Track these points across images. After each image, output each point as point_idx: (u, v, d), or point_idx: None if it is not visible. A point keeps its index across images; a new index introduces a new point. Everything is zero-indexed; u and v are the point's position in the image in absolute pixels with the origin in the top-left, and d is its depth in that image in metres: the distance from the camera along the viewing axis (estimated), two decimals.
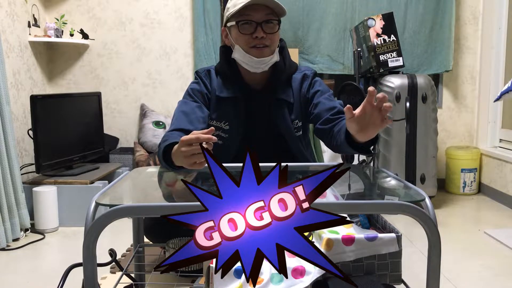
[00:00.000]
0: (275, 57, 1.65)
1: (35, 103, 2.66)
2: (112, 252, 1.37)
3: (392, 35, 3.04)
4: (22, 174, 2.71)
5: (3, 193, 2.42)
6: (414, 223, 0.99)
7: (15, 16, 3.01)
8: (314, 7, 3.49)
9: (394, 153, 3.00)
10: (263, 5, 1.56)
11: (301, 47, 3.51)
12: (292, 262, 1.11)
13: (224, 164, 0.78)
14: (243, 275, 0.87)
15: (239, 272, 1.09)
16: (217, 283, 1.08)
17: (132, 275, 1.47)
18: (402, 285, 1.21)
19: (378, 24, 3.05)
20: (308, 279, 1.10)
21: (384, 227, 1.30)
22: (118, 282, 1.26)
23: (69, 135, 2.95)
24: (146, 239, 1.85)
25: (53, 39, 3.31)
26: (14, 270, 2.14)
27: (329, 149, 1.59)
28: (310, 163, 1.73)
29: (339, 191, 1.21)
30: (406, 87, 2.96)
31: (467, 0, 3.59)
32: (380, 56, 3.03)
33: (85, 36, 3.47)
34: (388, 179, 1.35)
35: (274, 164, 0.77)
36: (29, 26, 3.20)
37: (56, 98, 2.98)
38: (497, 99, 2.60)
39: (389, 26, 3.05)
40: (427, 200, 1.03)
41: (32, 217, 2.68)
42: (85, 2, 3.54)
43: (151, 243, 1.94)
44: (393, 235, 1.17)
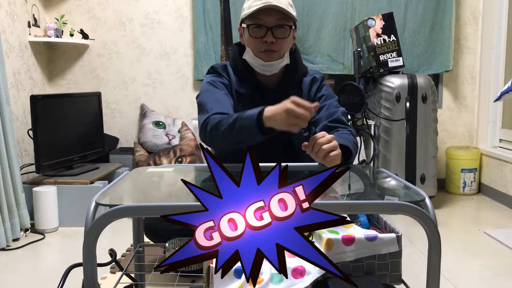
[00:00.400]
0: (285, 61, 1.67)
1: (35, 103, 2.66)
2: (112, 252, 1.37)
3: (392, 35, 3.04)
4: (22, 174, 2.71)
5: (3, 193, 2.42)
6: (414, 223, 0.99)
7: (15, 16, 3.01)
8: (314, 7, 3.49)
9: (394, 153, 3.00)
10: (276, 9, 1.56)
11: (301, 47, 3.50)
12: (292, 262, 1.11)
13: (224, 164, 0.78)
14: (243, 275, 0.87)
15: (239, 272, 1.09)
16: (217, 283, 1.08)
17: (132, 275, 1.47)
18: (402, 285, 1.21)
19: (378, 24, 3.05)
20: (308, 279, 1.10)
21: (384, 227, 1.30)
22: (118, 282, 1.26)
23: (69, 135, 2.95)
24: (146, 239, 1.85)
25: (53, 39, 3.31)
26: (14, 270, 2.14)
27: None
28: (310, 163, 1.73)
29: (339, 191, 1.21)
30: (406, 87, 2.96)
31: (467, 0, 3.59)
32: (380, 56, 3.03)
33: (85, 36, 3.47)
34: (388, 179, 1.35)
35: (274, 164, 0.77)
36: (29, 26, 3.20)
37: (56, 98, 2.98)
38: (497, 99, 2.60)
39: (389, 26, 3.05)
40: (427, 200, 1.02)
41: (32, 217, 2.68)
42: (85, 2, 3.54)
43: (151, 243, 1.94)
44: (393, 235, 1.17)
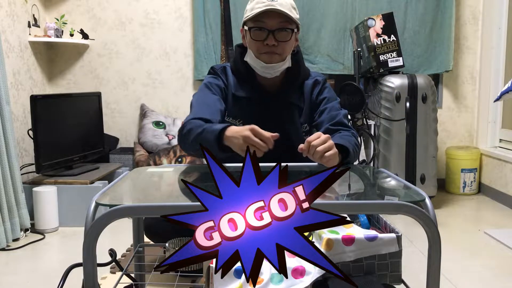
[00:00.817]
0: (286, 63, 1.66)
1: (35, 103, 2.66)
2: (112, 252, 1.37)
3: (392, 35, 3.04)
4: (22, 174, 2.71)
5: (3, 193, 2.42)
6: (414, 223, 0.99)
7: (15, 16, 3.01)
8: (314, 7, 3.49)
9: (394, 153, 3.00)
10: (279, 12, 1.55)
11: (301, 47, 3.48)
12: (292, 262, 1.11)
13: (224, 164, 0.78)
14: (243, 275, 0.87)
15: (239, 272, 1.09)
16: (217, 283, 1.08)
17: (132, 275, 1.47)
18: (402, 285, 1.21)
19: (378, 24, 3.05)
20: (308, 279, 1.10)
21: (384, 227, 1.30)
22: (118, 282, 1.26)
23: (69, 135, 2.95)
24: (146, 239, 1.85)
25: (53, 39, 3.31)
26: (14, 270, 2.14)
27: None
28: (310, 163, 1.73)
29: (339, 191, 1.21)
30: (406, 87, 2.96)
31: (467, 0, 3.59)
32: (380, 56, 3.03)
33: (85, 36, 3.47)
34: (388, 179, 1.35)
35: (274, 164, 0.77)
36: (29, 26, 3.20)
37: (56, 98, 2.99)
38: (497, 99, 2.60)
39: (389, 26, 3.05)
40: (427, 200, 1.02)
41: (32, 217, 2.68)
42: (85, 2, 3.54)
43: (151, 243, 1.94)
44: (393, 235, 1.17)
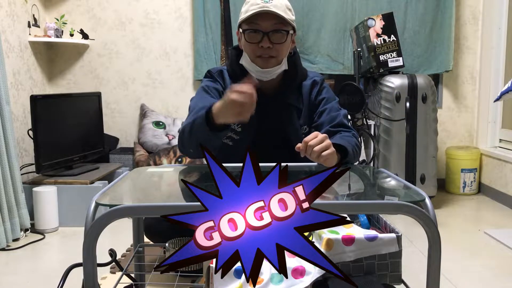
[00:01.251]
0: (282, 66, 1.65)
1: (35, 103, 2.66)
2: (112, 252, 1.37)
3: (392, 35, 3.04)
4: (22, 174, 2.71)
5: (3, 193, 2.42)
6: (414, 223, 0.99)
7: (15, 16, 3.01)
8: (314, 7, 3.49)
9: (394, 153, 3.00)
10: (273, 14, 1.54)
11: (301, 47, 3.50)
12: (292, 262, 1.11)
13: (224, 164, 0.78)
14: (243, 275, 0.87)
15: (239, 272, 1.09)
16: (217, 283, 1.08)
17: (132, 275, 1.47)
18: (402, 285, 1.21)
19: (378, 24, 3.05)
20: (308, 279, 1.10)
21: (384, 227, 1.30)
22: (118, 282, 1.26)
23: (69, 135, 2.95)
24: (146, 239, 1.85)
25: (53, 39, 3.31)
26: (14, 270, 2.14)
27: None
28: (310, 163, 1.73)
29: (339, 191, 1.21)
30: (406, 87, 2.96)
31: (467, 0, 3.59)
32: (380, 56, 3.03)
33: (85, 36, 3.47)
34: (388, 179, 1.35)
35: (274, 164, 0.77)
36: (29, 26, 3.20)
37: (56, 98, 2.99)
38: (497, 99, 2.60)
39: (389, 26, 3.05)
40: (427, 200, 1.02)
41: (32, 217, 2.68)
42: (85, 2, 3.54)
43: (151, 243, 1.94)
44: (393, 235, 1.17)
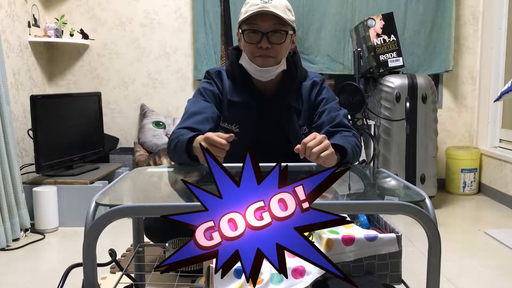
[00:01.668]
0: (281, 67, 1.65)
1: (35, 103, 2.66)
2: (112, 252, 1.37)
3: (392, 35, 3.04)
4: (22, 174, 2.70)
5: (3, 193, 2.42)
6: (414, 223, 0.99)
7: (15, 16, 3.01)
8: (314, 7, 3.49)
9: (394, 153, 3.00)
10: (272, 14, 1.54)
11: (301, 47, 3.50)
12: (292, 262, 1.11)
13: (224, 164, 0.78)
14: (243, 275, 0.87)
15: (239, 272, 1.09)
16: (217, 283, 1.08)
17: (132, 275, 1.47)
18: (402, 285, 1.21)
19: (378, 24, 3.05)
20: (308, 279, 1.10)
21: (384, 227, 1.30)
22: (118, 282, 1.26)
23: (69, 135, 2.95)
24: (146, 239, 1.85)
25: (53, 39, 3.31)
26: (14, 270, 2.14)
27: None
28: (310, 163, 1.73)
29: (339, 191, 1.21)
30: (406, 87, 2.96)
31: (467, 0, 3.59)
32: (380, 56, 3.03)
33: (85, 36, 3.47)
34: (388, 179, 1.35)
35: (274, 164, 0.77)
36: (29, 26, 3.20)
37: (56, 98, 2.98)
38: (497, 99, 2.60)
39: (389, 26, 3.05)
40: (427, 200, 1.02)
41: (32, 217, 2.68)
42: (85, 2, 3.54)
43: (151, 243, 1.94)
44: (393, 235, 1.17)
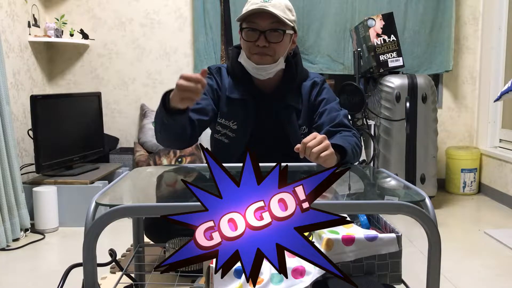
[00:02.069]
0: (279, 65, 1.65)
1: (35, 103, 2.66)
2: (112, 252, 1.37)
3: (392, 35, 3.04)
4: (22, 174, 2.70)
5: (3, 193, 2.42)
6: (414, 223, 0.99)
7: (15, 16, 3.01)
8: (314, 7, 3.49)
9: (394, 153, 3.00)
10: (270, 13, 1.54)
11: (301, 47, 3.50)
12: (292, 262, 1.11)
13: (224, 164, 0.78)
14: (243, 275, 0.87)
15: (239, 272, 1.09)
16: (217, 283, 1.08)
17: (132, 275, 1.47)
18: (402, 285, 1.21)
19: (378, 24, 3.05)
20: (308, 279, 1.10)
21: (384, 227, 1.30)
22: (118, 282, 1.26)
23: (69, 135, 2.95)
24: (146, 239, 1.85)
25: (53, 39, 3.31)
26: (14, 270, 2.14)
27: None
28: (310, 163, 1.73)
29: (339, 191, 1.21)
30: (406, 87, 2.96)
31: (467, 0, 3.59)
32: (380, 56, 3.03)
33: (85, 36, 3.47)
34: (388, 179, 1.35)
35: (274, 164, 0.77)
36: (29, 26, 3.20)
37: (56, 98, 2.98)
38: (497, 99, 2.60)
39: (389, 26, 3.05)
40: (427, 200, 1.02)
41: (32, 217, 2.68)
42: (85, 2, 3.54)
43: (151, 243, 1.94)
44: (393, 235, 1.17)
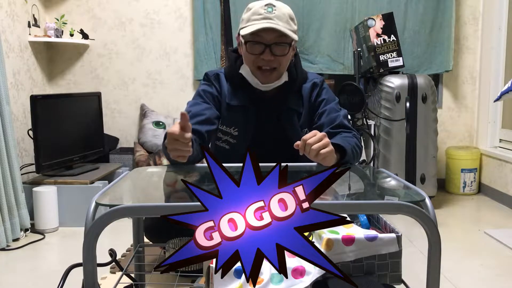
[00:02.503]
0: (283, 79, 1.65)
1: (35, 103, 2.66)
2: (112, 252, 1.37)
3: (392, 35, 3.04)
4: (22, 174, 2.70)
5: (3, 193, 2.42)
6: (414, 223, 0.99)
7: (15, 16, 3.01)
8: (314, 7, 3.49)
9: (394, 153, 3.00)
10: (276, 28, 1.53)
11: (301, 47, 3.51)
12: (292, 262, 1.11)
13: (224, 164, 0.78)
14: (243, 275, 0.87)
15: (239, 272, 1.09)
16: (217, 283, 1.08)
17: (132, 275, 1.47)
18: (402, 285, 1.21)
19: (378, 24, 3.05)
20: (308, 279, 1.10)
21: (384, 227, 1.30)
22: (118, 282, 1.26)
23: (69, 135, 2.95)
24: (146, 239, 1.85)
25: (53, 39, 3.31)
26: (14, 270, 2.14)
27: None
28: (310, 163, 1.73)
29: (339, 191, 1.21)
30: (406, 87, 2.96)
31: (467, 0, 3.59)
32: (380, 56, 3.03)
33: (85, 36, 3.47)
34: (388, 179, 1.35)
35: (274, 164, 0.77)
36: (29, 26, 3.20)
37: (56, 98, 2.99)
38: (497, 99, 2.60)
39: (389, 26, 3.05)
40: (427, 200, 1.02)
41: (32, 217, 2.68)
42: (85, 2, 3.54)
43: (151, 243, 1.94)
44: (393, 235, 1.17)
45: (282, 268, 0.75)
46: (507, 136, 3.45)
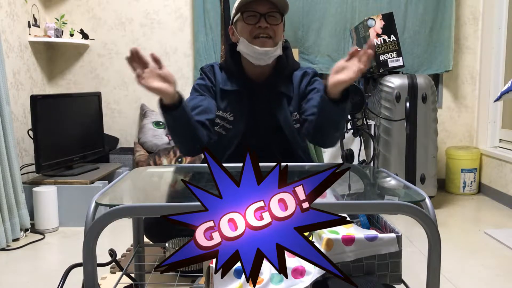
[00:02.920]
0: (278, 50, 1.71)
1: (35, 103, 2.66)
2: (112, 252, 1.37)
3: (392, 35, 3.04)
4: (22, 174, 2.70)
5: (3, 193, 2.42)
6: (414, 223, 0.99)
7: (15, 16, 3.01)
8: (314, 7, 3.49)
9: (394, 153, 3.00)
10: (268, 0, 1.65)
11: (301, 47, 3.51)
12: (292, 262, 1.11)
13: (224, 164, 0.78)
14: (243, 275, 0.87)
15: (239, 272, 1.09)
16: (217, 283, 1.08)
17: (132, 275, 1.47)
18: (402, 285, 1.21)
19: (378, 24, 3.05)
20: (308, 279, 1.10)
21: (384, 227, 1.30)
22: (118, 282, 1.26)
23: (69, 135, 2.95)
24: (146, 239, 1.85)
25: (53, 39, 3.31)
26: (14, 270, 2.14)
27: (315, 143, 1.78)
28: (310, 163, 1.74)
29: (339, 191, 1.21)
30: (406, 87, 2.96)
31: (467, 0, 3.59)
32: (380, 56, 3.03)
33: (85, 36, 3.47)
34: (388, 179, 1.35)
35: (274, 164, 0.77)
36: (29, 26, 3.20)
37: (56, 98, 2.98)
38: (497, 99, 2.60)
39: (389, 26, 3.05)
40: (427, 200, 1.02)
41: (32, 217, 2.68)
42: (85, 2, 3.54)
43: (151, 243, 1.94)
44: (393, 235, 1.17)
45: (282, 268, 0.75)
46: (507, 136, 3.45)
